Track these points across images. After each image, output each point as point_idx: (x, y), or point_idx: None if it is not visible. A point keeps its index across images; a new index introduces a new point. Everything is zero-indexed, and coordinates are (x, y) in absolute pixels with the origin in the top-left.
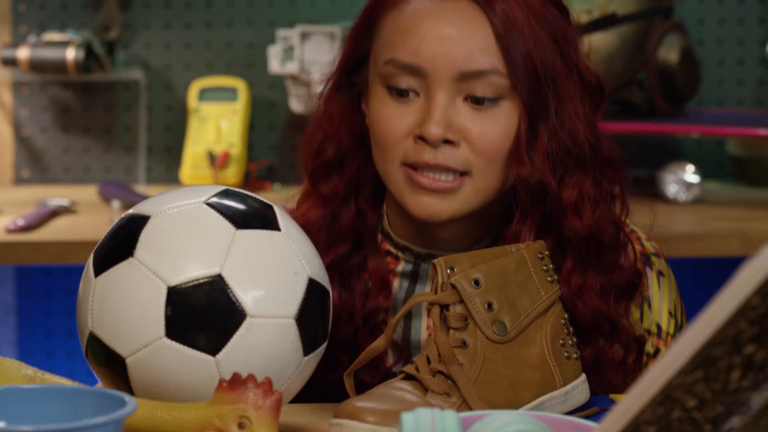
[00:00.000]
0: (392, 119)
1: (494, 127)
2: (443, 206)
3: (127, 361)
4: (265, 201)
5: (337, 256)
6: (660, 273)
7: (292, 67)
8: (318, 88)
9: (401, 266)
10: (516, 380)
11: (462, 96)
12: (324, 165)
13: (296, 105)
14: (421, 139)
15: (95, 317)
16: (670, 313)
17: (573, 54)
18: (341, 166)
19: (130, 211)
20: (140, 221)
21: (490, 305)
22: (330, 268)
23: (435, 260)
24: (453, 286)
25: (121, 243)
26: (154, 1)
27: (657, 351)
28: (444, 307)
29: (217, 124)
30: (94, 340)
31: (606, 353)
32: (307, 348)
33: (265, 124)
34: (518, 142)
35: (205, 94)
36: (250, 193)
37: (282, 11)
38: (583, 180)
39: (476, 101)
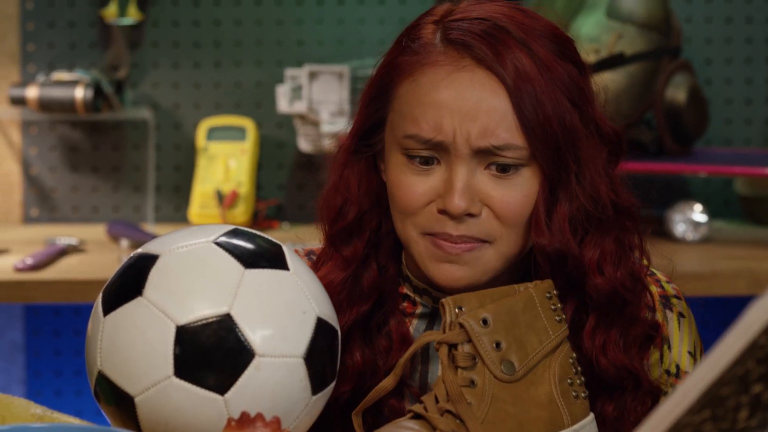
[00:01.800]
0: (413, 188)
1: (516, 195)
2: (465, 273)
3: (136, 400)
4: (274, 240)
5: (359, 315)
6: (681, 315)
7: (300, 107)
8: (330, 146)
9: (419, 310)
10: (524, 419)
11: (483, 165)
12: (344, 229)
13: (304, 144)
14: (444, 212)
15: (104, 356)
16: (690, 353)
17: (591, 111)
18: (361, 228)
19: (139, 250)
20: (149, 260)
21: (498, 344)
22: (353, 327)
23: (443, 299)
24: (461, 326)
25: (130, 282)
26: (163, 40)
27: None
28: (452, 347)
29: (225, 163)
30: (103, 379)
31: (629, 408)
32: (316, 387)
33: (273, 163)
34: (537, 210)
35: (213, 134)
36: (258, 233)
37: (290, 51)
38: (604, 239)
39: (499, 169)
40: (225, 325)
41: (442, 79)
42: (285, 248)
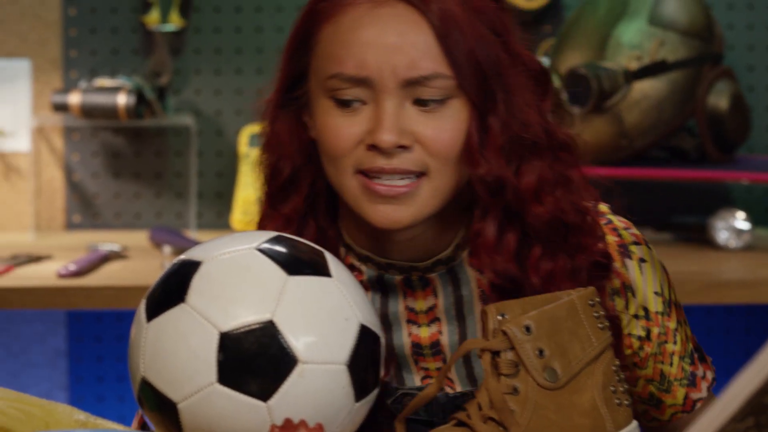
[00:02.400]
0: (341, 129)
1: (446, 127)
2: (402, 212)
3: (179, 406)
4: (317, 247)
5: None
6: (641, 260)
7: None
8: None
9: (365, 277)
10: (567, 427)
11: (410, 100)
12: (281, 185)
13: None
14: (374, 147)
15: (147, 363)
16: (656, 293)
17: (515, 43)
18: (297, 184)
19: (182, 256)
20: (192, 267)
21: (541, 352)
22: None
23: (486, 306)
24: (504, 333)
25: (172, 288)
26: (205, 47)
27: (648, 332)
28: (495, 354)
29: None
30: (146, 386)
31: None
32: (359, 394)
33: None
34: (470, 141)
35: (255, 140)
36: (301, 239)
37: None
38: (540, 165)
39: (424, 104)
40: (268, 332)
41: (362, 16)
42: (327, 255)
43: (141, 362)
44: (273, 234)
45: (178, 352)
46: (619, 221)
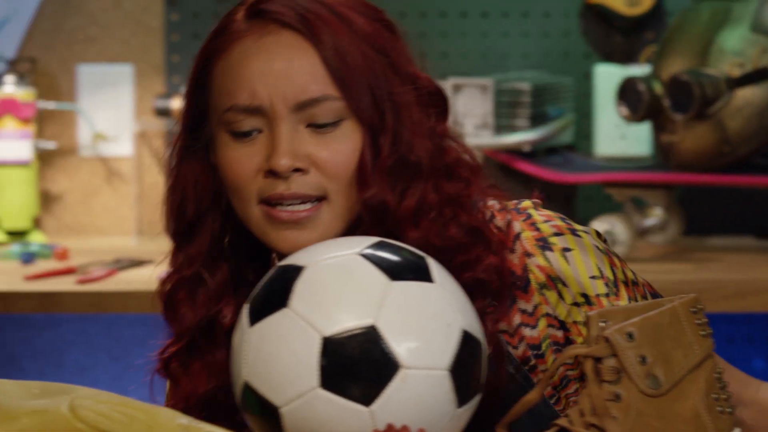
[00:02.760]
0: (241, 160)
1: (340, 149)
2: (306, 237)
3: (281, 411)
4: (419, 252)
5: (209, 316)
6: (565, 249)
7: None
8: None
9: None
10: None
11: (303, 124)
12: (186, 227)
13: None
14: (272, 173)
15: (250, 367)
16: (593, 278)
17: (403, 64)
18: (203, 226)
19: (285, 261)
20: (295, 272)
21: (643, 359)
22: (211, 326)
23: (589, 313)
24: (606, 339)
25: (276, 293)
26: None
27: None
28: (597, 360)
29: None
30: (249, 390)
31: None
32: (461, 399)
33: None
34: (362, 163)
35: None
36: (404, 245)
37: (434, 64)
38: (423, 188)
39: (318, 127)
40: (370, 337)
41: (249, 47)
42: (430, 260)
43: (243, 367)
44: (376, 239)
45: (280, 357)
46: (540, 215)
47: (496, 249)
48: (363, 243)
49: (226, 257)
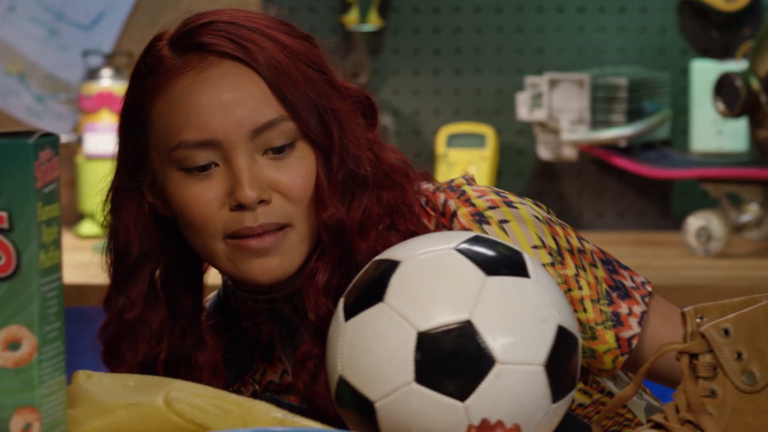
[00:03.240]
0: (200, 197)
1: (298, 171)
2: (277, 263)
3: (376, 405)
4: (515, 248)
5: (150, 356)
6: (502, 221)
7: (540, 114)
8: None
9: (264, 317)
10: (766, 431)
11: (260, 152)
12: (129, 270)
13: (544, 152)
14: (238, 207)
15: (345, 361)
16: (534, 247)
17: (336, 78)
18: (143, 266)
19: (381, 256)
20: (391, 266)
21: (739, 355)
22: (154, 365)
23: (685, 309)
24: (702, 336)
25: (371, 288)
26: (404, 47)
27: None
28: (693, 356)
29: (465, 170)
30: (344, 384)
31: None
32: (556, 395)
33: (512, 170)
34: (318, 183)
35: (453, 140)
36: (499, 240)
37: (531, 59)
38: (367, 199)
39: (276, 151)
40: (466, 332)
41: (192, 82)
42: (526, 255)
43: (339, 361)
44: (471, 234)
45: (375, 352)
46: (474, 190)
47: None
48: (459, 238)
49: (162, 294)
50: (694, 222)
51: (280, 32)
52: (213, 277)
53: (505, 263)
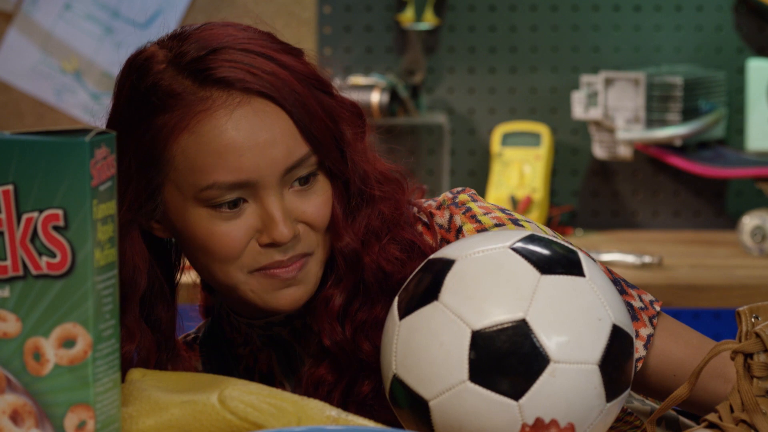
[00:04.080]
0: (230, 234)
1: (320, 201)
2: (302, 291)
3: (431, 404)
4: (570, 246)
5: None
6: None
7: (595, 113)
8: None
9: (259, 342)
10: None
11: (287, 186)
12: (135, 299)
13: (599, 151)
14: (271, 245)
15: (399, 360)
16: None
17: (334, 93)
18: (135, 292)
19: (436, 254)
20: (446, 265)
21: None
22: None
23: (740, 309)
24: (757, 335)
25: (426, 287)
26: (459, 45)
27: None
28: (748, 356)
29: (520, 169)
30: (398, 383)
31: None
32: (610, 394)
33: (567, 169)
34: (335, 211)
35: (508, 139)
36: (554, 239)
37: (586, 57)
38: (368, 214)
39: (302, 182)
40: (520, 331)
41: (225, 122)
42: (581, 254)
43: (393, 360)
44: (526, 233)
45: (430, 350)
46: (479, 207)
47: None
48: (513, 237)
49: (150, 318)
50: (749, 221)
51: (284, 53)
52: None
53: (560, 262)
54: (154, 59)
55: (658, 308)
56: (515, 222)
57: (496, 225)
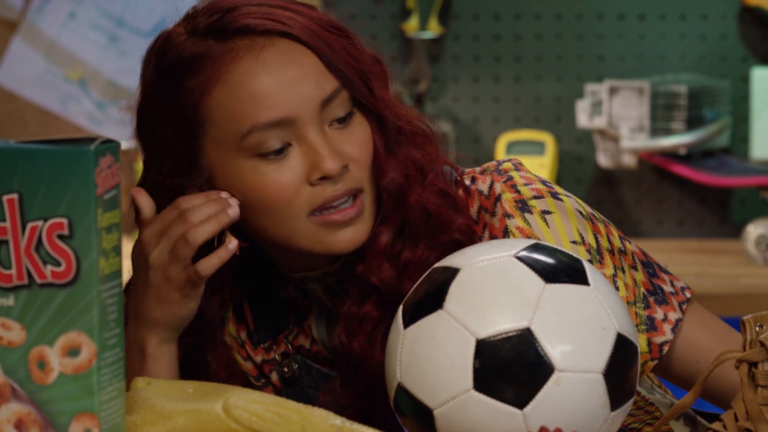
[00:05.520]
0: (281, 180)
1: (362, 139)
2: (360, 231)
3: (435, 412)
4: (575, 255)
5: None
6: (545, 212)
7: (600, 122)
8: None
9: (313, 302)
10: None
11: (327, 124)
12: None
13: (604, 159)
14: (322, 179)
15: (403, 368)
16: (573, 242)
17: (354, 39)
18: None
19: (440, 263)
20: (450, 273)
21: None
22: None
23: (744, 318)
24: (762, 344)
25: (430, 295)
26: (464, 54)
27: None
28: (752, 365)
29: None
30: (403, 392)
31: None
32: (615, 403)
33: (572, 178)
34: (376, 149)
35: (512, 148)
36: (559, 247)
37: (591, 66)
38: (406, 154)
39: (340, 121)
40: (525, 340)
41: (253, 65)
42: (586, 263)
43: (398, 368)
44: (531, 242)
45: (434, 359)
46: (521, 177)
47: (462, 210)
48: (518, 245)
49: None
50: (754, 230)
51: (298, 5)
52: None
53: (564, 271)
54: (173, 36)
55: (688, 295)
56: (554, 195)
57: (535, 197)
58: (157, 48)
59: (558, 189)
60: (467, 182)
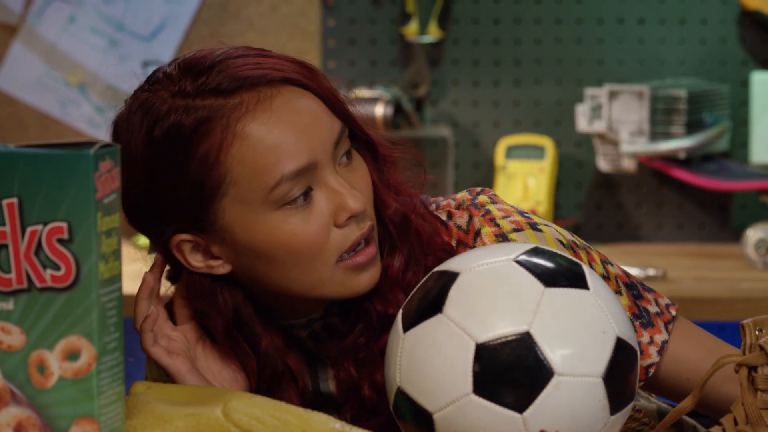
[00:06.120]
0: (309, 227)
1: (363, 175)
2: (377, 268)
3: (435, 417)
4: (574, 259)
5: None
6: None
7: (599, 126)
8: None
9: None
10: None
11: (336, 164)
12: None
13: (603, 163)
14: (350, 219)
15: (403, 373)
16: None
17: (325, 74)
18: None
19: (439, 267)
20: (449, 278)
21: None
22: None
23: (744, 321)
24: (761, 348)
25: (430, 299)
26: (463, 58)
27: None
28: (752, 369)
29: (524, 182)
30: (402, 396)
31: None
32: (614, 407)
33: (571, 182)
34: (375, 183)
35: (512, 152)
36: (558, 252)
37: (590, 70)
38: (397, 178)
39: (347, 157)
40: (524, 344)
41: (268, 116)
42: (585, 267)
43: (397, 373)
44: (530, 246)
45: (434, 363)
46: (498, 210)
47: (437, 227)
48: (517, 250)
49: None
50: (753, 234)
51: (268, 53)
52: None
53: (564, 275)
54: (157, 102)
55: (674, 312)
56: (533, 226)
57: (515, 230)
58: (138, 120)
59: (536, 219)
60: (444, 218)
